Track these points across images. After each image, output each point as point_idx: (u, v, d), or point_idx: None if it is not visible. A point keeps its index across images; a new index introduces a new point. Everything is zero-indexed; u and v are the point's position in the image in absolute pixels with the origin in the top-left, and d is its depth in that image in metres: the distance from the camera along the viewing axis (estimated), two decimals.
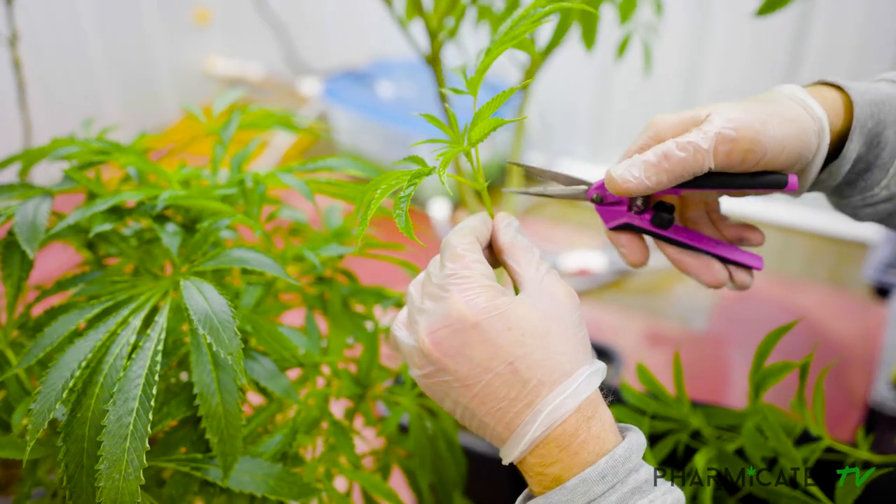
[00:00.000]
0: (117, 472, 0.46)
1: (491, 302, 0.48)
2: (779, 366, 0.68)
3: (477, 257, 0.51)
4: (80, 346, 0.51)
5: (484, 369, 0.47)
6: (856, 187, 0.59)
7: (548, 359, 0.47)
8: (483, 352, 0.47)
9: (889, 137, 0.56)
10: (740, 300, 1.95)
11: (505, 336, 0.47)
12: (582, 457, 0.47)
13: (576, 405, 0.47)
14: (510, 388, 0.47)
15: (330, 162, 0.67)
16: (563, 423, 0.47)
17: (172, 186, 0.65)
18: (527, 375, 0.47)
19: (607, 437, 0.48)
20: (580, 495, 0.45)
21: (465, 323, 0.47)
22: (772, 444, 0.68)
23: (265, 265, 0.54)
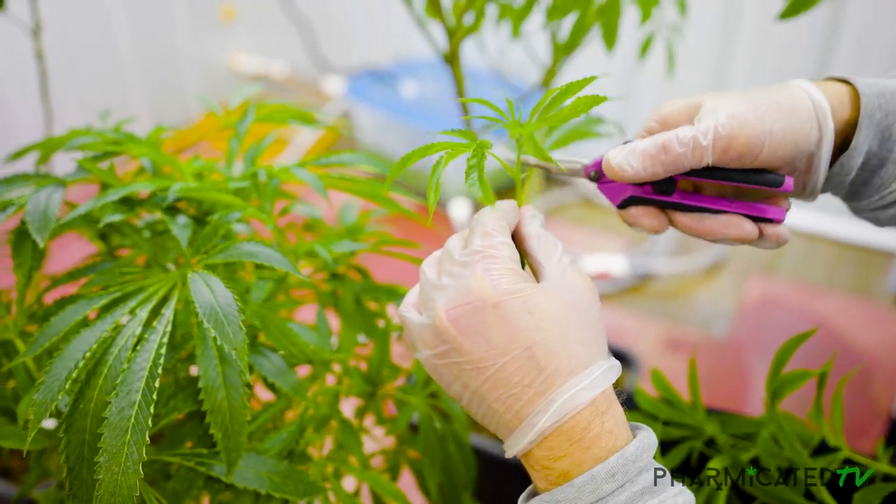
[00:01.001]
0: (116, 465, 0.45)
1: (514, 284, 0.47)
2: (797, 373, 0.67)
3: (505, 239, 0.50)
4: (86, 336, 0.51)
5: (500, 352, 0.46)
6: (871, 185, 0.57)
7: (566, 347, 0.46)
8: (501, 333, 0.46)
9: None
10: (762, 307, 1.92)
11: (525, 320, 0.46)
12: (593, 452, 0.45)
13: (591, 398, 0.45)
14: (525, 374, 0.46)
15: (344, 157, 0.67)
16: (577, 416, 0.45)
17: (185, 178, 0.64)
18: (543, 362, 0.46)
19: (620, 433, 0.46)
20: (588, 493, 0.44)
21: (486, 302, 0.46)
22: (787, 453, 0.66)
23: (274, 259, 0.54)
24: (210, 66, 2.99)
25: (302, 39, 2.84)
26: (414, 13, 0.99)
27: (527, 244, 0.52)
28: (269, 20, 2.97)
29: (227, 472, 0.52)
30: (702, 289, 1.98)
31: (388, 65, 2.66)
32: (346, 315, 0.68)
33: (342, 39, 2.89)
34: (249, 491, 0.57)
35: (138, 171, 0.70)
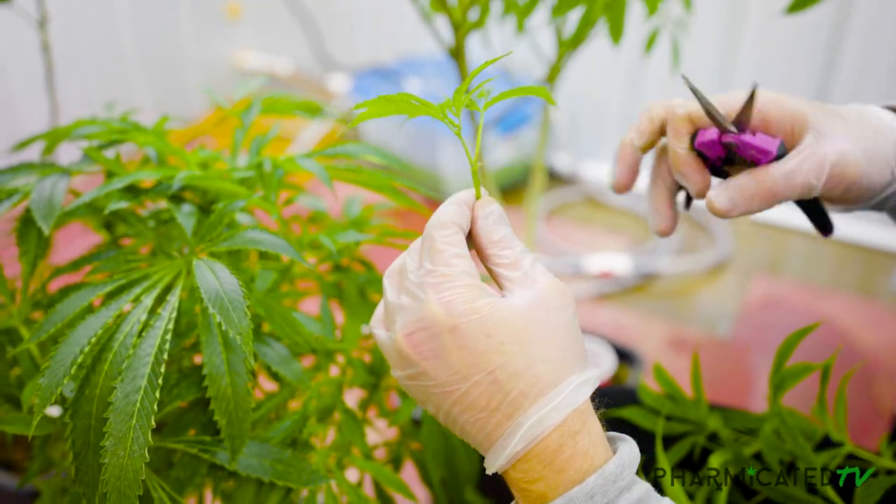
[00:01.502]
0: (122, 449, 0.45)
1: (470, 304, 0.44)
2: (799, 367, 0.66)
3: (457, 251, 0.46)
4: (91, 322, 0.51)
5: (463, 376, 0.44)
6: None
7: (530, 368, 0.44)
8: (461, 358, 0.44)
9: None
10: (766, 307, 1.92)
11: (484, 343, 0.44)
12: (568, 474, 0.43)
13: (560, 419, 0.43)
14: (490, 399, 0.44)
15: (349, 148, 0.67)
16: (546, 438, 0.43)
17: (191, 168, 0.65)
18: (507, 386, 0.44)
19: (596, 452, 0.44)
20: None
21: (441, 326, 0.44)
22: (789, 447, 0.66)
23: (279, 247, 0.54)
24: (214, 63, 3.00)
25: (307, 37, 2.85)
26: (419, 7, 0.99)
27: (485, 250, 0.49)
28: (274, 18, 2.98)
29: (230, 460, 0.52)
30: (705, 288, 1.98)
31: (392, 63, 2.66)
32: (350, 306, 0.68)
33: (347, 37, 2.89)
34: (252, 479, 0.57)
35: (143, 161, 0.70)
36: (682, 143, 0.57)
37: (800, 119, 0.53)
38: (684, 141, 0.57)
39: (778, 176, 0.52)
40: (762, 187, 0.52)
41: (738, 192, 0.53)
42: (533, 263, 0.47)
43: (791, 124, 0.54)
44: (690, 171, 0.57)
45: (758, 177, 0.53)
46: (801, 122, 0.53)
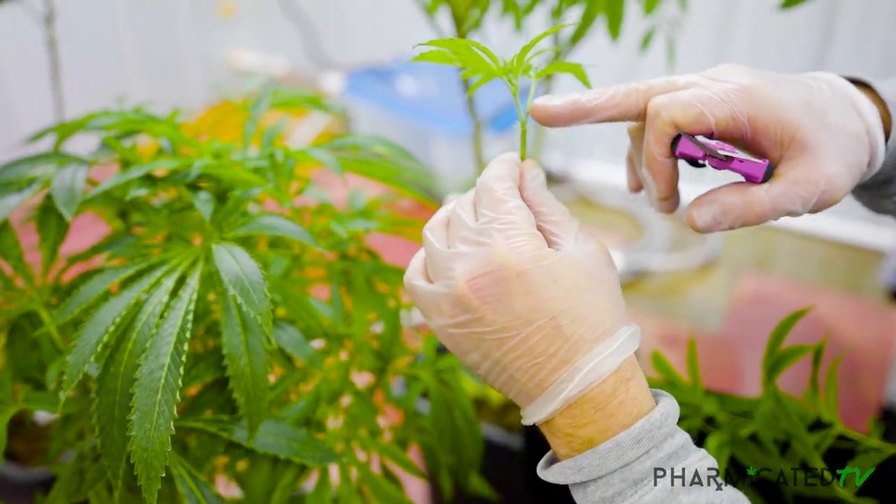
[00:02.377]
0: (148, 422, 0.47)
1: (538, 251, 0.46)
2: (793, 349, 0.69)
3: (519, 203, 0.48)
4: (114, 304, 0.53)
5: (525, 321, 0.45)
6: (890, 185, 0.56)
7: (591, 315, 0.45)
8: (526, 303, 0.45)
9: None
10: (756, 304, 1.95)
11: (551, 289, 0.45)
12: (618, 419, 0.45)
13: (617, 364, 0.45)
14: (550, 343, 0.45)
15: (358, 139, 0.69)
16: (602, 383, 0.45)
17: (205, 157, 0.67)
18: (569, 331, 0.45)
19: (644, 399, 0.46)
20: (613, 459, 0.44)
21: (509, 271, 0.45)
22: (784, 425, 0.69)
23: (294, 232, 0.56)
24: (211, 62, 3.01)
25: (302, 36, 2.86)
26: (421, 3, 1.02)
27: (535, 208, 0.50)
28: (269, 17, 2.99)
29: (249, 437, 0.54)
30: (696, 285, 2.01)
31: (386, 62, 2.68)
32: (358, 294, 0.70)
33: (341, 37, 2.91)
34: (268, 457, 0.59)
35: (157, 152, 0.72)
36: (662, 150, 0.52)
37: (790, 130, 0.51)
38: (664, 147, 0.52)
39: (767, 201, 0.50)
40: (749, 210, 0.50)
41: (723, 213, 0.51)
42: (578, 227, 0.49)
43: (781, 135, 0.51)
44: (662, 179, 0.54)
45: (745, 198, 0.50)
46: (791, 133, 0.51)
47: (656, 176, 0.54)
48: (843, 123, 0.51)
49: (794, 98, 0.50)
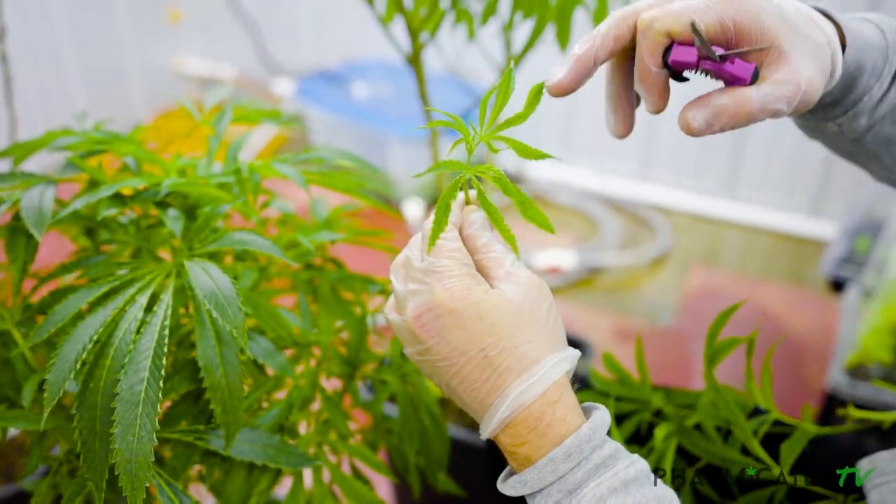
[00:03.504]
0: (131, 434, 0.49)
1: (467, 291, 0.52)
2: (727, 341, 0.74)
3: (455, 245, 0.54)
4: (91, 322, 0.54)
5: (460, 352, 0.52)
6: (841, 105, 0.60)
7: (515, 347, 0.51)
8: (459, 336, 0.51)
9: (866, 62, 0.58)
10: (704, 297, 2.02)
11: (478, 325, 0.51)
12: (549, 438, 0.50)
13: (541, 390, 0.50)
14: (482, 372, 0.51)
15: (321, 152, 0.71)
16: (529, 407, 0.50)
17: (171, 175, 0.68)
18: (496, 361, 0.51)
19: (572, 418, 0.51)
20: (549, 473, 0.49)
21: (443, 309, 0.51)
22: (724, 414, 0.73)
23: (264, 247, 0.58)
24: (156, 69, 2.98)
25: (250, 41, 2.86)
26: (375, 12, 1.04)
27: (473, 254, 0.55)
28: (216, 22, 2.98)
29: (226, 446, 0.56)
30: (647, 281, 2.07)
31: (338, 66, 2.69)
32: (324, 302, 0.72)
33: (291, 41, 2.91)
34: (243, 464, 0.61)
35: (121, 169, 0.73)
36: (656, 61, 0.54)
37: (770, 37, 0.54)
38: (658, 58, 0.54)
39: (756, 100, 0.53)
40: (741, 110, 0.53)
41: (715, 115, 0.53)
42: (513, 263, 0.55)
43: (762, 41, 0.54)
44: (657, 91, 0.56)
45: (737, 99, 0.53)
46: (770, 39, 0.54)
47: (650, 89, 0.56)
48: (810, 33, 0.55)
49: (771, 7, 0.54)
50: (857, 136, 0.64)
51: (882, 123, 0.63)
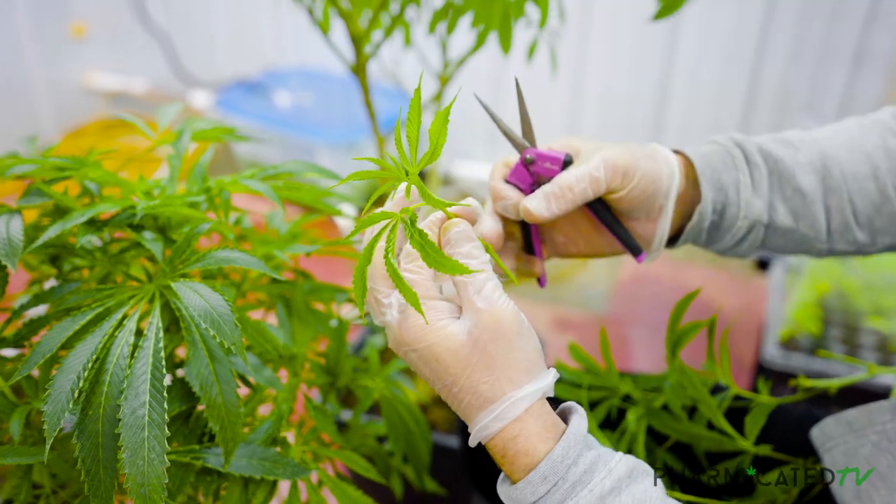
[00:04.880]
0: (140, 458, 0.49)
1: (421, 334, 0.54)
2: (689, 326, 0.78)
3: (416, 277, 0.55)
4: (81, 350, 0.54)
5: (432, 381, 0.56)
6: (722, 227, 0.70)
7: (472, 386, 0.54)
8: (425, 371, 0.56)
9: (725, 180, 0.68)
10: (634, 283, 2.09)
11: (435, 365, 0.55)
12: (518, 466, 0.54)
13: (497, 429, 0.54)
14: (452, 401, 0.56)
15: (289, 166, 0.72)
16: (492, 441, 0.54)
17: (138, 196, 0.68)
18: (460, 396, 0.55)
19: (535, 448, 0.54)
20: (529, 495, 0.53)
21: (407, 347, 0.55)
22: (690, 393, 0.78)
23: (250, 263, 0.59)
24: (62, 85, 2.88)
25: (163, 54, 2.79)
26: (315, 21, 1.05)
27: None
28: (125, 35, 2.90)
29: (225, 462, 0.57)
30: (581, 272, 2.14)
31: (257, 76, 2.66)
32: (299, 314, 0.73)
33: (206, 53, 2.86)
34: (238, 479, 0.61)
35: (82, 193, 0.72)
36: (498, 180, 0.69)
37: (576, 148, 0.67)
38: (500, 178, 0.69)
39: (572, 176, 0.64)
40: (563, 187, 0.64)
41: (544, 196, 0.65)
42: (479, 288, 0.54)
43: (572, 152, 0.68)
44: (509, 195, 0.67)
45: (558, 181, 0.65)
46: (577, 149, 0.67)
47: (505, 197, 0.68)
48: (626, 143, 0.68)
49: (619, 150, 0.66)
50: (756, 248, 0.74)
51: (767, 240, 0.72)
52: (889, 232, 0.71)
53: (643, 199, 0.66)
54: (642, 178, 0.65)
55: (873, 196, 0.69)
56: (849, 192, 0.69)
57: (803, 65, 2.19)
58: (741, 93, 2.28)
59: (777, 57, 2.20)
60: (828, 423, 0.78)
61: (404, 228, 0.53)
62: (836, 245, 0.72)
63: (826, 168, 0.69)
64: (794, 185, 0.69)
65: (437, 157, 0.52)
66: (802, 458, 0.77)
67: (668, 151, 0.68)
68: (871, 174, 0.70)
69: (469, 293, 0.54)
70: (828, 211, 0.70)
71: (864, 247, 0.72)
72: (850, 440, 0.73)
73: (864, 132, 0.72)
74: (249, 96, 2.56)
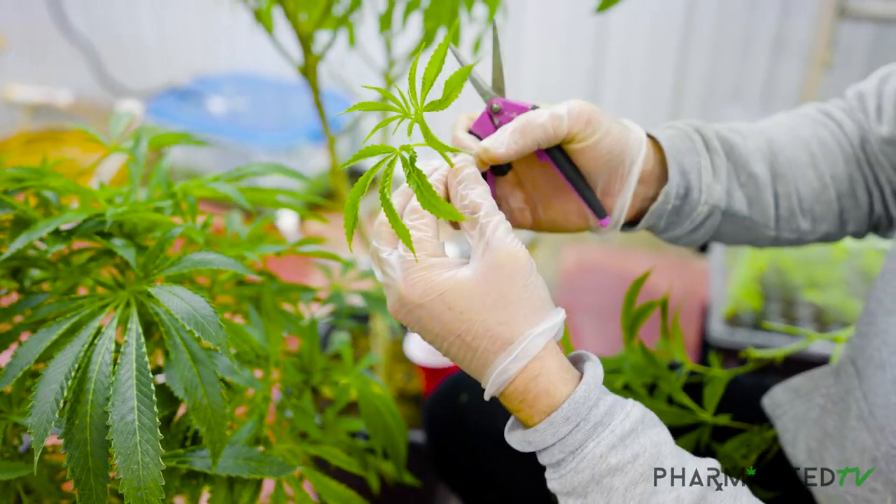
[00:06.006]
0: (134, 463, 0.49)
1: (431, 284, 0.53)
2: (644, 306, 0.81)
3: (421, 235, 0.55)
4: (61, 360, 0.53)
5: (441, 338, 0.54)
6: (684, 212, 0.68)
7: (488, 330, 0.53)
8: (435, 326, 0.54)
9: (687, 164, 0.67)
10: (579, 272, 2.14)
11: (447, 315, 0.53)
12: (539, 407, 0.53)
13: (519, 368, 0.53)
14: (465, 353, 0.54)
15: (254, 167, 0.72)
16: (512, 384, 0.53)
17: (101, 204, 0.67)
18: (474, 344, 0.53)
19: (557, 388, 0.53)
20: (550, 435, 0.53)
21: (413, 304, 0.54)
22: (651, 371, 0.81)
23: (228, 265, 0.59)
24: None
25: (87, 64, 2.72)
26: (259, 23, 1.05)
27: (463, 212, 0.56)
28: (46, 46, 2.81)
29: (212, 464, 0.57)
30: None
31: (188, 83, 2.62)
32: (269, 315, 0.74)
33: (133, 61, 2.80)
34: (223, 480, 0.62)
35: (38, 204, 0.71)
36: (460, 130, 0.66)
37: None
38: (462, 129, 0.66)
39: (534, 113, 0.61)
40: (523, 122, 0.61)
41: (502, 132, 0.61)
42: (493, 229, 0.54)
43: None
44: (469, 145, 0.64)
45: (519, 119, 0.61)
46: None
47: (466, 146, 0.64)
48: None
49: None
50: (709, 236, 0.73)
51: (721, 227, 0.71)
52: (826, 219, 0.74)
53: (608, 159, 0.63)
54: (608, 136, 0.63)
55: (813, 183, 0.72)
56: (794, 179, 0.72)
57: (727, 55, 2.28)
58: (669, 85, 2.36)
59: (702, 48, 2.28)
60: (776, 391, 0.82)
61: (403, 166, 0.53)
62: (782, 233, 0.73)
63: (773, 154, 0.71)
64: (748, 171, 0.70)
65: (446, 106, 0.52)
66: (757, 425, 0.81)
67: (637, 126, 0.67)
68: (811, 162, 0.73)
69: (486, 233, 0.54)
70: (776, 197, 0.71)
71: (805, 235, 0.74)
72: (798, 405, 0.77)
73: (798, 123, 0.75)
74: (181, 104, 2.51)
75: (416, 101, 0.53)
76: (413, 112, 0.53)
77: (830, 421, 0.71)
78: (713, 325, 1.35)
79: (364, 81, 0.60)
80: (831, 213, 0.74)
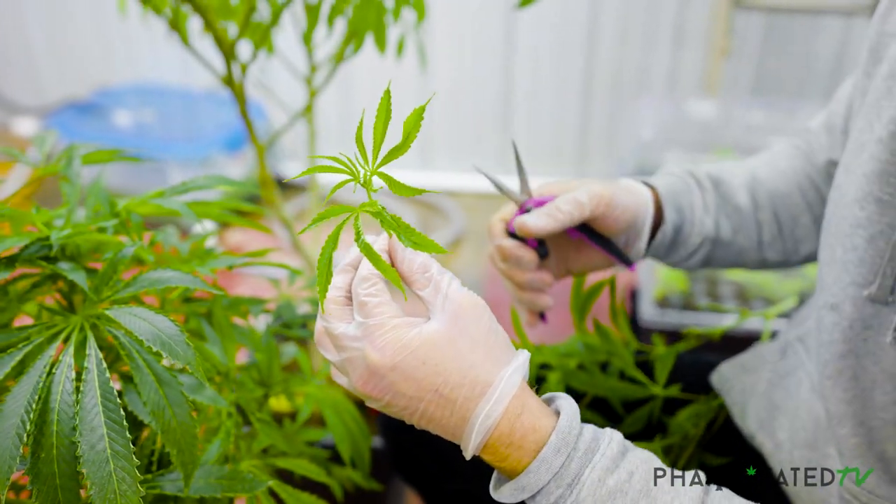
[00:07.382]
0: (111, 492, 0.48)
1: (400, 343, 0.52)
2: (593, 287, 0.84)
3: (378, 300, 0.54)
4: (18, 392, 0.51)
5: (417, 399, 0.53)
6: (679, 242, 0.80)
7: (465, 377, 0.53)
8: (409, 387, 0.53)
9: (683, 203, 0.79)
10: None
11: (422, 371, 0.52)
12: (526, 448, 0.53)
13: (502, 409, 0.52)
14: (444, 410, 0.53)
15: (200, 181, 0.70)
16: (497, 427, 0.53)
17: (40, 228, 0.64)
18: (452, 396, 0.53)
19: (540, 423, 0.54)
20: (544, 472, 0.52)
21: (385, 369, 0.52)
22: (605, 348, 0.84)
23: (186, 281, 0.57)
24: None
25: None
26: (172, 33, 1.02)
27: (407, 281, 0.56)
28: None
29: (185, 486, 0.55)
30: (452, 262, 2.19)
31: (89, 97, 2.52)
32: (222, 330, 0.72)
33: (28, 76, 2.67)
34: (194, 499, 0.60)
35: None
36: (501, 236, 0.77)
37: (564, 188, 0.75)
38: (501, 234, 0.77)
39: (561, 200, 0.72)
40: (552, 207, 0.72)
41: (537, 214, 0.72)
42: (448, 283, 0.55)
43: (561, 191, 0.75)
44: (517, 252, 0.76)
45: (550, 204, 0.72)
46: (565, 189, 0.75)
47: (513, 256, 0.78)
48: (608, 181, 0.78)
49: None
50: (704, 262, 0.84)
51: (713, 253, 0.83)
52: (807, 240, 0.83)
53: (626, 225, 0.75)
54: (625, 210, 0.74)
55: (791, 209, 0.82)
56: (773, 207, 0.82)
57: (631, 47, 2.36)
58: (578, 80, 2.42)
59: (607, 42, 2.35)
60: (723, 368, 0.87)
61: (376, 217, 0.53)
62: (768, 254, 0.83)
63: (755, 186, 0.83)
64: (733, 204, 0.81)
65: (404, 151, 0.52)
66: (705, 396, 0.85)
67: (641, 185, 0.78)
68: (787, 191, 0.83)
69: (443, 287, 0.55)
70: (759, 224, 0.82)
71: (790, 255, 0.84)
72: (746, 380, 0.82)
73: (776, 156, 0.86)
74: (84, 118, 2.42)
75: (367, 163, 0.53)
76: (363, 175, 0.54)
77: (778, 393, 0.76)
78: (644, 307, 1.40)
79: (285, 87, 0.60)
80: (811, 235, 0.83)
